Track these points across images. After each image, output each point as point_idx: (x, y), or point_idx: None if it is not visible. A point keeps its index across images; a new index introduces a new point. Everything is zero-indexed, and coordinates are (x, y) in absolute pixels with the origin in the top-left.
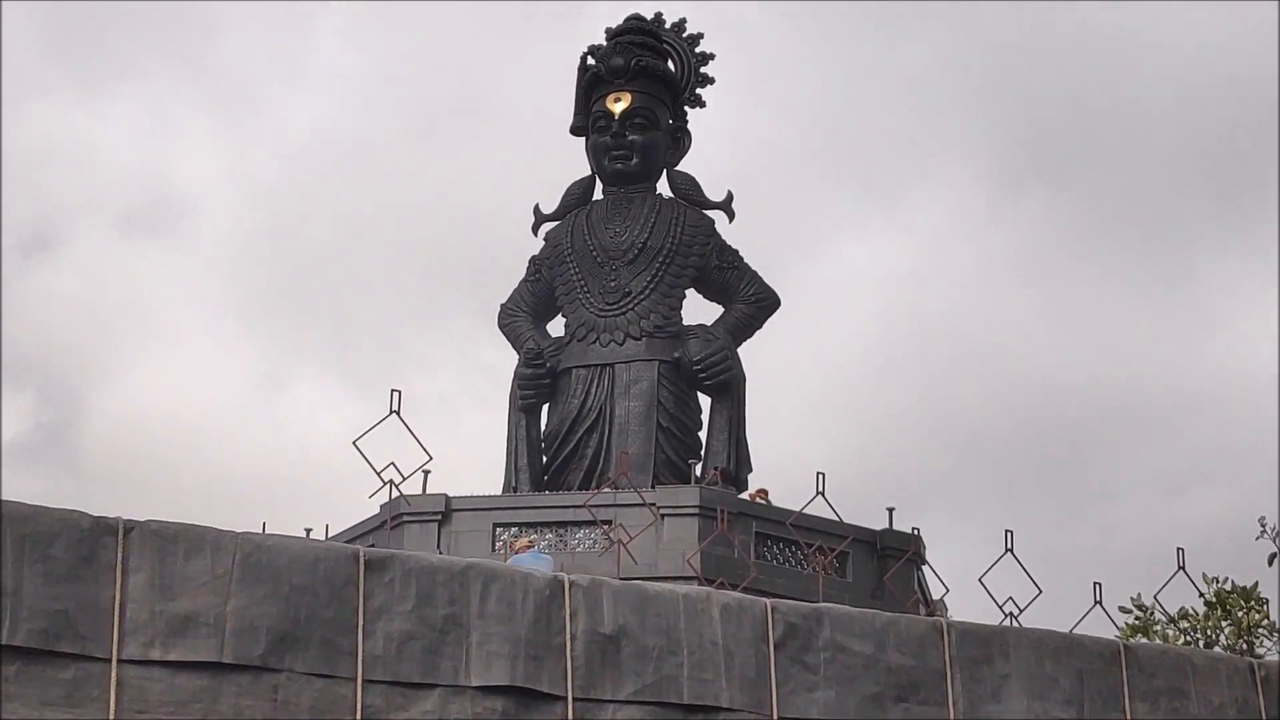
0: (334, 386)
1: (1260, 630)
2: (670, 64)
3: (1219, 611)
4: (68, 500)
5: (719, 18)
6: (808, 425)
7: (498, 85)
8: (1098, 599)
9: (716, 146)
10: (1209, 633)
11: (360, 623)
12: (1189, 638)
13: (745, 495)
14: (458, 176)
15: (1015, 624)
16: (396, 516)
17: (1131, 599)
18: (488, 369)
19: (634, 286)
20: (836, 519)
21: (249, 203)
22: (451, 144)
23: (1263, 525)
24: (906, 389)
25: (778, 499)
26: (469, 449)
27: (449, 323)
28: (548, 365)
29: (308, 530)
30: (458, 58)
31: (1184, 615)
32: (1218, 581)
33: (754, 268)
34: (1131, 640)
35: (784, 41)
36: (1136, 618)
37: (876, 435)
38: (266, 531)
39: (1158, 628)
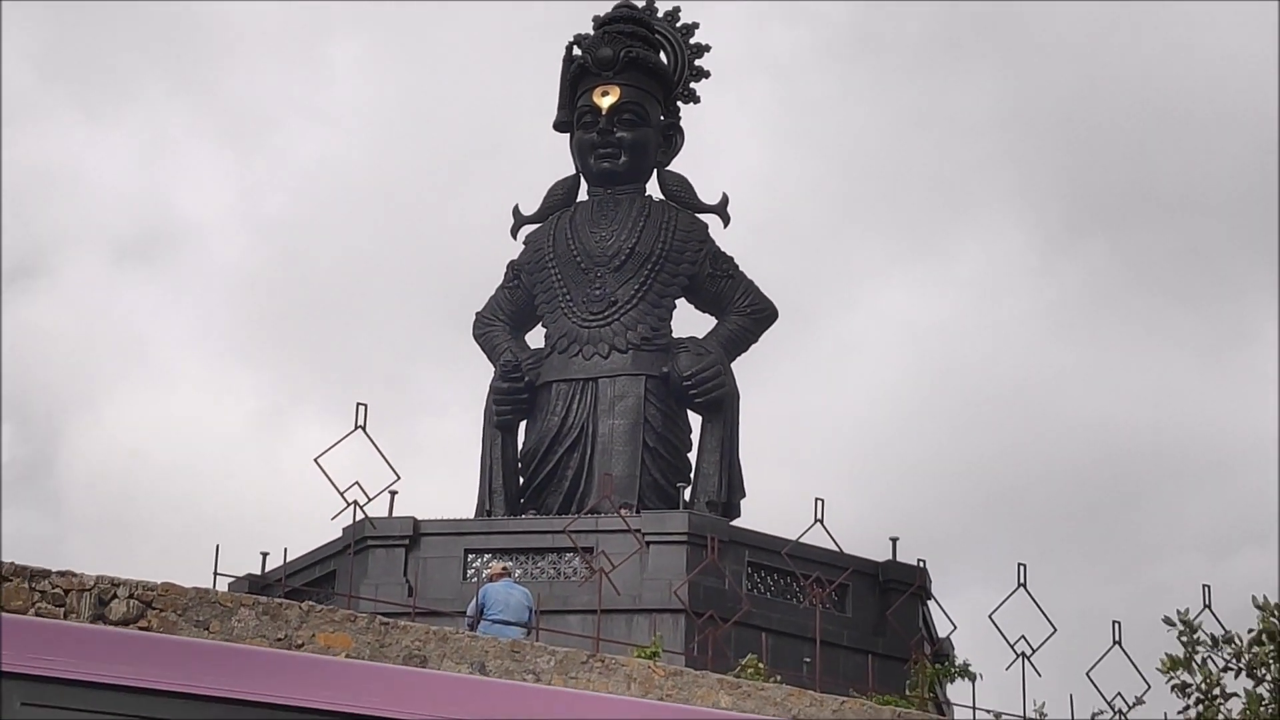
0: (337, 426)
1: None
2: (663, 55)
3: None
4: (44, 545)
5: (756, 59)
6: (828, 472)
7: (523, 121)
8: (1116, 639)
9: (750, 189)
10: (1258, 671)
11: None
12: (1234, 664)
13: None
14: (476, 216)
15: (1028, 663)
16: (360, 540)
17: (1178, 611)
18: None
19: (620, 295)
20: (836, 549)
21: (254, 235)
22: (470, 182)
23: None
24: (934, 439)
25: (776, 530)
26: (449, 473)
27: (461, 364)
28: (526, 379)
29: (264, 554)
30: (481, 92)
31: (1229, 640)
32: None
33: (750, 277)
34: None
35: (825, 83)
36: (1180, 635)
37: (900, 486)
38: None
39: (1198, 657)
